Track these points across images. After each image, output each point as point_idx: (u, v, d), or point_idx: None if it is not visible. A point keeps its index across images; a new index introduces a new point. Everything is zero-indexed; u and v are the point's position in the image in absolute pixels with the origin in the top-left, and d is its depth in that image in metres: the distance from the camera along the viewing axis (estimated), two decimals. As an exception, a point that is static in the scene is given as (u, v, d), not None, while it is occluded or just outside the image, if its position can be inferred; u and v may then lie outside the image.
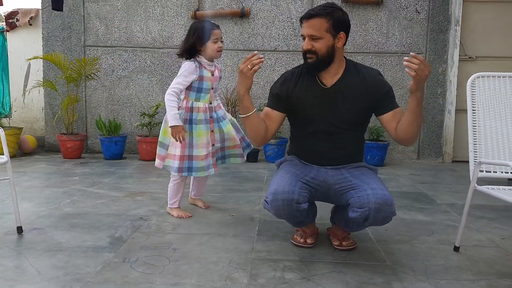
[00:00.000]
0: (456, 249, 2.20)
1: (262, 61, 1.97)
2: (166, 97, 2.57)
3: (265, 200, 2.00)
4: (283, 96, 2.13)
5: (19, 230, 2.36)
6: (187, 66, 2.60)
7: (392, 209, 1.88)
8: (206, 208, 2.91)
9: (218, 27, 2.65)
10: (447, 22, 4.96)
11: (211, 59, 2.68)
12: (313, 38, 1.98)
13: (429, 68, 1.79)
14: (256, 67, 1.96)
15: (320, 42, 1.98)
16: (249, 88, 2.03)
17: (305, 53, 2.03)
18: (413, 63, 1.75)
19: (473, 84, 2.12)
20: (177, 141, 2.52)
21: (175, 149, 2.62)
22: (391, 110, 2.05)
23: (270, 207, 1.97)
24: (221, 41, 2.66)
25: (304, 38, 2.03)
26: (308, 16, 1.99)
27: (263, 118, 2.16)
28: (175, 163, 2.61)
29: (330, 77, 2.08)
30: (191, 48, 2.62)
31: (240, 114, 2.12)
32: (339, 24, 1.99)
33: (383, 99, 2.06)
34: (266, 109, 2.19)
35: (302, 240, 2.24)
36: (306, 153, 2.17)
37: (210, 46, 2.61)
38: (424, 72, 1.76)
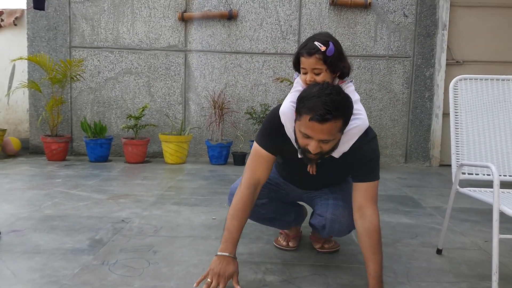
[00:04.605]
0: (439, 251, 2.20)
1: None
2: None
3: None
4: (277, 141, 1.82)
5: (-3, 232, 2.32)
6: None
7: (348, 221, 1.87)
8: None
9: (309, 53, 1.71)
10: (435, 27, 4.99)
11: None
12: (323, 141, 1.61)
13: None
14: None
15: (331, 142, 1.63)
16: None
17: (307, 151, 1.66)
18: None
19: (456, 86, 2.12)
20: None
21: None
22: (358, 181, 1.74)
23: (229, 205, 1.89)
24: (316, 74, 1.73)
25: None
26: (321, 120, 1.55)
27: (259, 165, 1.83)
28: None
29: None
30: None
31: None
32: (348, 121, 1.65)
33: (357, 167, 1.76)
34: (261, 150, 1.83)
35: (284, 243, 2.22)
36: (284, 177, 2.08)
37: (301, 77, 1.80)
38: None
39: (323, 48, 1.69)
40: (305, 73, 1.76)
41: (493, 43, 5.08)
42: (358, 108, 1.73)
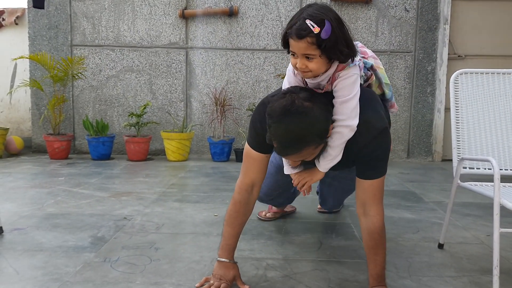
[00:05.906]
0: (441, 246, 2.19)
1: None
2: None
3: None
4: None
5: (0, 230, 2.32)
6: None
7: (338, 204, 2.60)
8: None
9: (299, 35, 1.40)
10: (436, 21, 4.97)
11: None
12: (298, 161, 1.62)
13: None
14: None
15: (308, 158, 1.54)
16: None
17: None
18: None
19: (456, 80, 2.11)
20: None
21: None
22: (360, 178, 1.63)
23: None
24: (307, 57, 1.44)
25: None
26: (283, 155, 1.51)
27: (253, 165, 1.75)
28: None
29: None
30: None
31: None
32: (325, 135, 1.49)
33: (359, 162, 1.64)
34: (251, 151, 1.73)
35: (263, 214, 2.59)
36: None
37: (291, 60, 1.52)
38: None
39: (316, 30, 1.36)
40: (295, 57, 1.46)
41: (495, 37, 5.05)
42: (348, 113, 1.48)
